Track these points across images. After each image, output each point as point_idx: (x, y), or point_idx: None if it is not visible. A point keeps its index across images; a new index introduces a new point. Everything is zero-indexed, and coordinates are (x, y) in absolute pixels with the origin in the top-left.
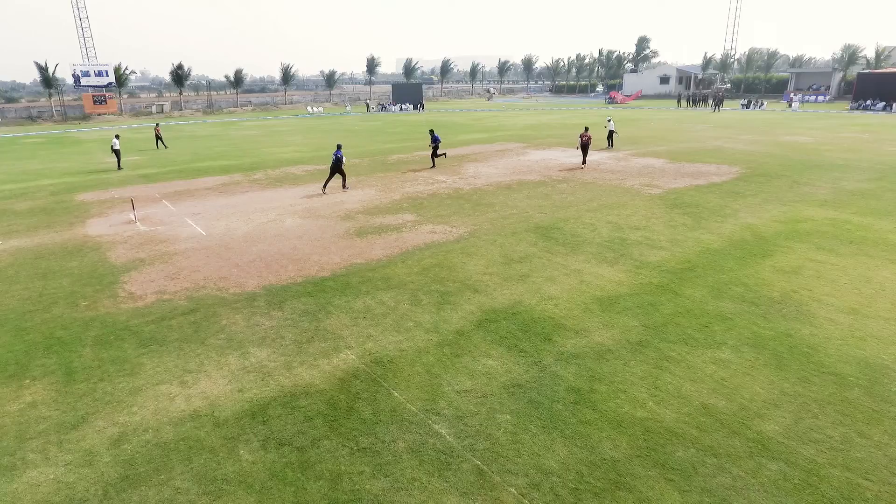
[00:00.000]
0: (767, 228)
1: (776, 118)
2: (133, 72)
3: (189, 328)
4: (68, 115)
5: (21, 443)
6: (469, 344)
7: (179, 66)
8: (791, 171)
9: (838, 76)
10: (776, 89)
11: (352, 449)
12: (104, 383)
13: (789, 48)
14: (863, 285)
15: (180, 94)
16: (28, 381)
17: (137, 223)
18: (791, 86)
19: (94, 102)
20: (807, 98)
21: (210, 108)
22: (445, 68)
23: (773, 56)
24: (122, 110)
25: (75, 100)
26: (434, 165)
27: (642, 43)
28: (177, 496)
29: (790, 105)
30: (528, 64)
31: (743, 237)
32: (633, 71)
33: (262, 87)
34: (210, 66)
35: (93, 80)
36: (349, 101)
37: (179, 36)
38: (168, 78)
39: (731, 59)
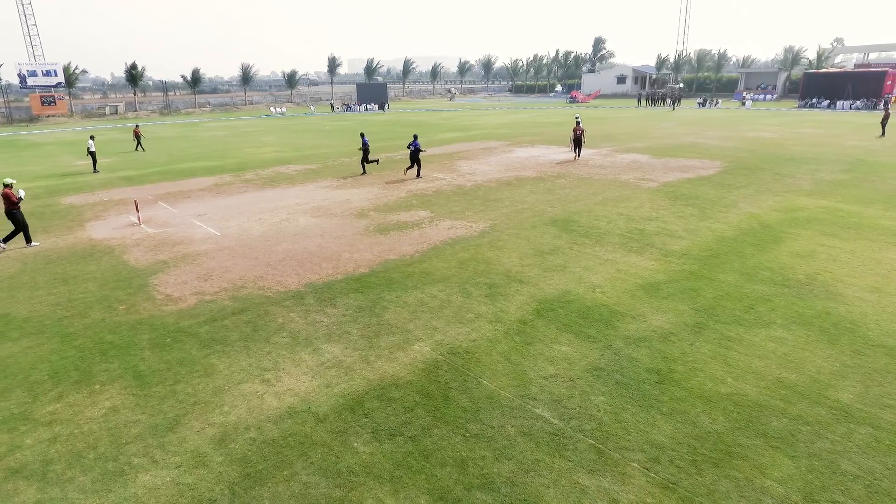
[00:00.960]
0: (769, 217)
1: (733, 115)
2: (84, 71)
3: (247, 328)
4: (14, 118)
5: (119, 448)
6: (535, 332)
7: (133, 66)
8: (769, 164)
9: (783, 76)
10: (726, 88)
11: (464, 436)
12: (182, 385)
13: (733, 49)
14: (875, 266)
15: (134, 94)
16: (98, 386)
17: (142, 225)
18: (741, 85)
19: (42, 103)
20: (756, 97)
21: (167, 109)
22: (406, 69)
23: (723, 57)
24: (72, 111)
25: (14, 100)
26: (365, 172)
27: (598, 44)
28: (308, 490)
29: (743, 103)
30: (487, 64)
31: (750, 226)
32: (591, 71)
33: (213, 87)
34: (155, 66)
35: (40, 80)
36: (312, 102)
37: (117, 36)
38: (111, 79)
39: (683, 60)
